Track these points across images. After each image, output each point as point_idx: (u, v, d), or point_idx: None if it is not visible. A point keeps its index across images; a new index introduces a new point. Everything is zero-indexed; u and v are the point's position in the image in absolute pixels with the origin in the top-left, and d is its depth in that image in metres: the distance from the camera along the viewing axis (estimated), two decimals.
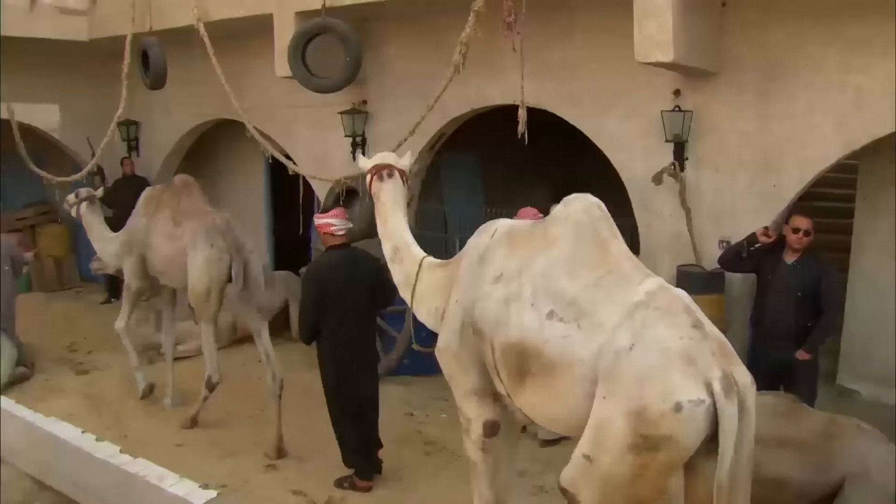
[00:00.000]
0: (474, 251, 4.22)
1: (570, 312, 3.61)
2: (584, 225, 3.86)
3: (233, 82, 9.40)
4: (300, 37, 7.50)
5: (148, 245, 7.23)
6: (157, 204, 7.32)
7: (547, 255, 3.84)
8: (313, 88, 7.67)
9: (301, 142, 9.66)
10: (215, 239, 6.74)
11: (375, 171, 5.00)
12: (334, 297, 5.67)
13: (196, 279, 6.77)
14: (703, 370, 3.27)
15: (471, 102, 7.99)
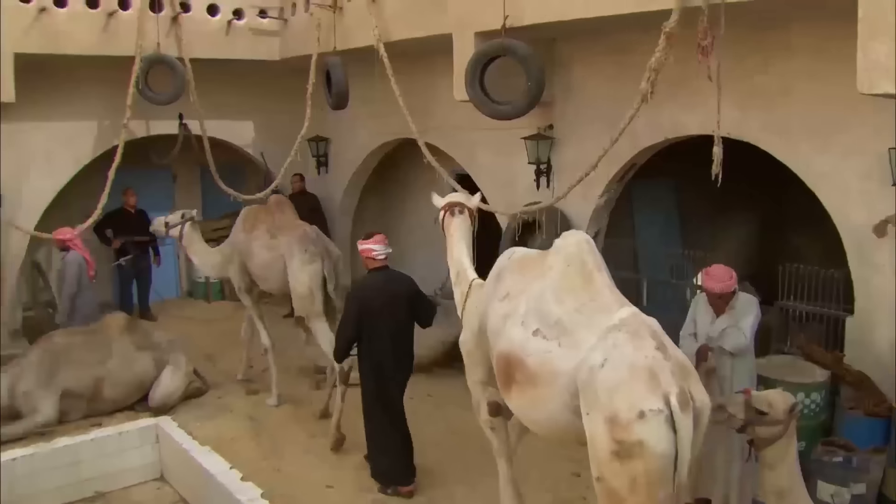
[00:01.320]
0: (495, 270, 5.02)
1: (553, 332, 4.21)
2: (573, 257, 4.43)
3: (417, 102, 9.24)
4: (478, 59, 7.02)
5: (248, 255, 8.16)
6: (254, 220, 8.29)
7: (542, 280, 4.46)
8: (491, 115, 7.16)
9: (484, 167, 9.20)
10: (308, 245, 7.73)
11: (448, 208, 5.84)
12: (373, 315, 6.13)
13: (297, 282, 7.65)
14: (664, 385, 3.76)
15: (664, 131, 7.17)
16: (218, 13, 10.35)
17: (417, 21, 8.15)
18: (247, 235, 8.23)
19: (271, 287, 8.13)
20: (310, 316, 7.68)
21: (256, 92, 11.58)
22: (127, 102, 9.60)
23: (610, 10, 6.20)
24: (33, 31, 9.19)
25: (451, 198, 5.93)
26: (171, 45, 9.99)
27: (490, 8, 7.08)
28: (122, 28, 9.64)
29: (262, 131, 11.94)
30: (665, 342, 4.00)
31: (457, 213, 5.79)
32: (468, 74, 7.06)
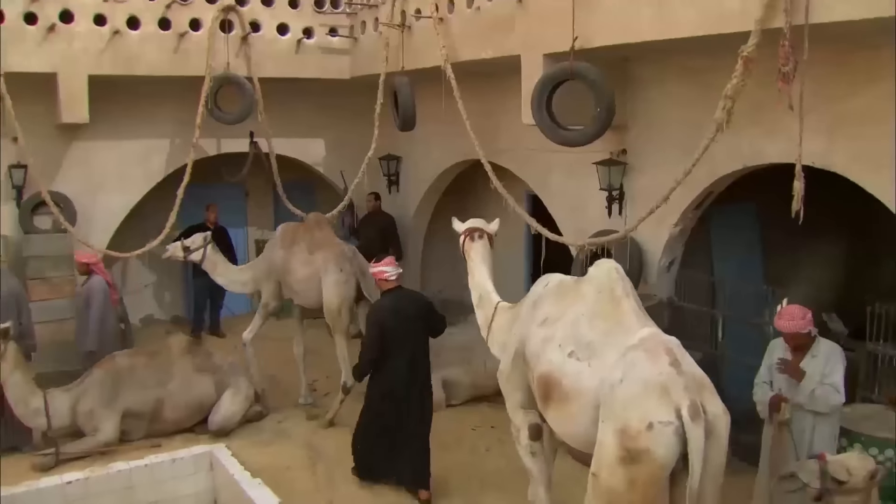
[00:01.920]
0: (531, 297, 5.36)
1: (585, 354, 4.61)
2: (604, 285, 4.82)
3: (487, 122, 9.05)
4: (545, 83, 6.70)
5: (286, 271, 8.57)
6: (293, 237, 8.70)
7: (576, 306, 4.87)
8: (559, 141, 6.84)
9: (556, 190, 8.87)
10: (343, 264, 8.28)
11: (468, 233, 6.21)
12: (392, 334, 6.48)
13: (329, 298, 8.21)
14: (675, 399, 4.07)
15: (743, 159, 6.72)
16: (288, 32, 10.30)
17: (485, 41, 7.89)
18: (286, 252, 8.63)
19: (308, 301, 8.59)
20: (335, 330, 8.32)
21: (328, 110, 11.53)
22: (196, 122, 9.65)
23: (682, 31, 5.81)
24: (107, 54, 9.33)
25: (471, 223, 6.30)
26: (240, 64, 9.99)
27: (558, 29, 6.77)
28: (192, 48, 9.69)
29: (334, 149, 11.86)
30: (680, 358, 4.32)
31: (476, 237, 6.18)
32: (534, 99, 6.76)
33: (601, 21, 6.46)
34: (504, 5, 7.51)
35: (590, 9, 6.51)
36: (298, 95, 11.09)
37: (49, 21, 9.04)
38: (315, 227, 8.79)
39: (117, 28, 9.32)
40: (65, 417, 7.70)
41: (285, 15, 10.24)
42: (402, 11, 9.04)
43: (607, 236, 6.74)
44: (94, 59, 9.27)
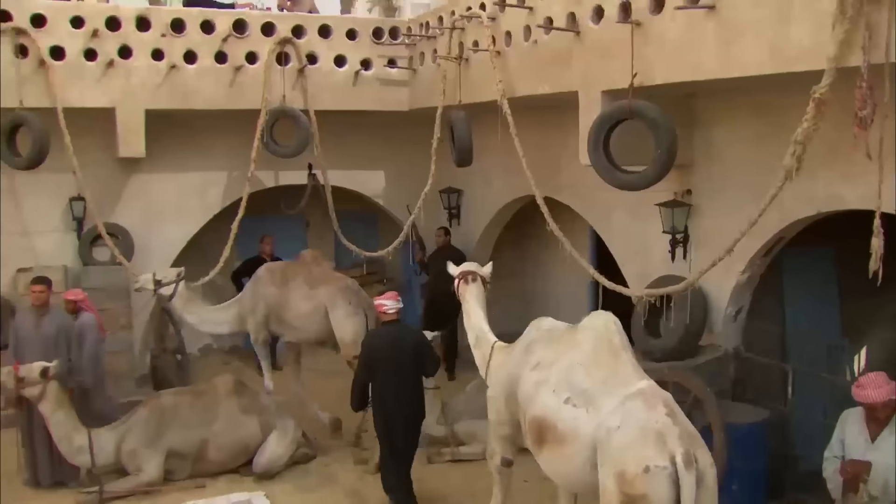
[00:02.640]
0: (525, 340, 5.68)
1: (581, 400, 4.82)
2: (602, 336, 5.05)
3: (547, 157, 8.78)
4: (602, 123, 6.30)
5: (283, 308, 8.71)
6: (284, 276, 8.81)
7: (571, 354, 5.09)
8: (616, 185, 6.43)
9: (617, 231, 8.44)
10: (351, 297, 8.59)
11: (462, 276, 6.63)
12: (383, 363, 6.65)
13: (343, 331, 8.48)
14: (671, 446, 4.26)
15: (817, 203, 6.21)
16: (345, 64, 10.15)
17: (542, 76, 7.55)
18: (279, 289, 8.76)
19: (307, 336, 8.92)
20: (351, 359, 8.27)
21: (388, 141, 11.34)
22: (251, 156, 9.57)
23: (749, 69, 5.37)
24: (163, 88, 9.34)
25: (465, 266, 6.77)
26: (297, 97, 9.89)
27: (618, 64, 6.40)
28: (248, 81, 9.63)
29: (395, 181, 11.64)
30: (675, 410, 4.58)
31: (470, 280, 6.61)
32: (591, 139, 6.38)
33: (662, 57, 6.06)
34: (562, 39, 7.16)
35: (650, 44, 6.13)
36: (357, 127, 10.93)
37: (108, 57, 9.08)
38: (312, 263, 9.01)
39: (174, 62, 9.31)
40: (109, 455, 7.63)
41: (343, 46, 10.10)
42: (460, 43, 8.79)
43: (665, 288, 6.30)
44: (151, 93, 9.29)
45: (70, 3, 9.18)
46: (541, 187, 9.04)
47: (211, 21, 9.49)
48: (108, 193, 10.11)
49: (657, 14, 6.07)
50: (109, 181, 10.09)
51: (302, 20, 9.95)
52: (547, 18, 7.32)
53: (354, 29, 10.14)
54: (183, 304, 8.92)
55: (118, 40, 9.12)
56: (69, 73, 8.99)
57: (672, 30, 5.94)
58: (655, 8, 6.11)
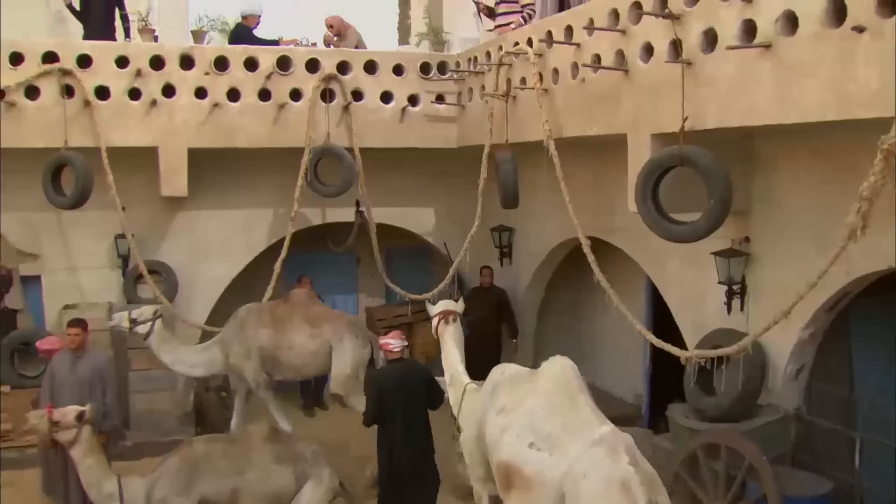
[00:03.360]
0: (489, 385, 5.83)
1: (545, 444, 5.02)
2: (560, 380, 5.31)
3: (599, 196, 8.47)
4: (650, 171, 5.87)
5: (281, 348, 8.64)
6: (274, 316, 8.72)
7: (533, 398, 5.28)
8: (664, 236, 5.98)
9: (671, 278, 7.97)
10: (357, 331, 8.79)
11: (442, 316, 6.87)
12: (390, 397, 6.75)
13: (345, 364, 8.55)
14: (634, 493, 4.60)
15: (888, 258, 5.66)
16: (392, 101, 9.92)
17: (590, 117, 7.17)
18: (275, 330, 8.66)
19: (306, 374, 9.09)
20: (349, 394, 8.58)
21: (437, 177, 11.06)
22: (294, 195, 9.40)
23: (809, 115, 4.90)
24: (206, 126, 9.25)
25: (444, 306, 6.94)
26: (341, 134, 9.69)
27: (668, 106, 6.00)
28: (292, 119, 9.49)
29: (444, 218, 11.34)
30: (637, 457, 4.79)
31: (450, 321, 6.85)
32: (639, 187, 5.95)
33: (715, 99, 5.62)
34: (610, 78, 6.78)
35: (702, 85, 5.70)
36: (406, 162, 10.67)
37: (151, 96, 9.03)
38: (309, 302, 8.97)
39: (217, 100, 9.22)
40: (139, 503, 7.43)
41: (389, 82, 9.88)
42: (507, 80, 8.47)
43: (717, 350, 5.82)
44: (194, 131, 9.21)
45: (116, 44, 9.22)
46: (592, 229, 8.75)
47: (254, 58, 9.37)
48: (153, 231, 10.09)
49: (709, 53, 5.65)
50: (154, 219, 10.05)
51: (347, 56, 9.77)
52: (594, 56, 6.96)
53: (401, 64, 9.92)
54: (159, 344, 8.66)
55: (162, 79, 9.08)
56: (113, 112, 8.98)
57: (725, 70, 5.51)
58: (707, 46, 5.69)
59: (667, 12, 5.94)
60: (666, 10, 5.97)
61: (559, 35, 7.52)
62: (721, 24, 5.53)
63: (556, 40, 7.45)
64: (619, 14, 6.66)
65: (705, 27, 5.67)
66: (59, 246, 9.97)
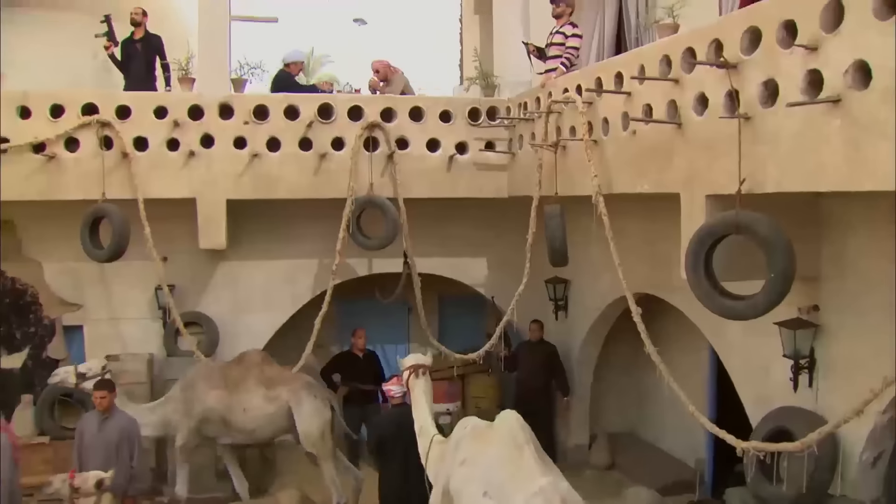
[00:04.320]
0: (455, 438, 6.07)
1: (497, 493, 5.36)
2: (507, 433, 5.64)
3: (657, 251, 7.91)
4: (702, 239, 5.25)
5: (234, 410, 8.38)
6: (227, 378, 8.45)
7: (487, 450, 5.67)
8: (718, 312, 5.34)
9: (733, 346, 7.28)
10: (315, 391, 8.54)
11: (413, 370, 6.84)
12: (390, 441, 7.10)
13: (310, 426, 8.32)
14: None
15: None
16: (439, 148, 9.48)
17: (641, 172, 6.59)
18: (227, 393, 8.39)
19: (260, 438, 8.69)
20: (321, 456, 8.37)
21: (489, 226, 10.54)
22: (336, 248, 9.03)
23: (883, 182, 4.22)
24: (245, 177, 8.99)
25: (414, 360, 7.03)
26: (386, 184, 9.29)
27: (724, 164, 5.40)
28: (334, 169, 9.15)
29: (497, 268, 10.80)
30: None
31: (420, 374, 6.87)
32: (690, 255, 5.34)
33: (776, 158, 4.99)
34: (662, 130, 6.19)
35: (761, 142, 5.08)
36: (455, 210, 10.20)
37: (189, 146, 8.82)
38: (263, 364, 8.67)
39: (257, 150, 8.95)
40: None
41: (436, 129, 9.45)
42: (557, 129, 7.95)
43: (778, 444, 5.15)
44: (233, 182, 8.97)
45: (154, 94, 9.09)
46: (649, 285, 8.13)
47: (295, 106, 9.08)
48: (195, 282, 9.88)
49: (769, 107, 5.04)
50: (196, 269, 9.84)
51: (391, 102, 9.39)
52: (646, 106, 6.40)
53: (449, 110, 9.48)
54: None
55: (200, 129, 8.88)
56: (151, 163, 8.82)
57: (787, 126, 4.88)
58: (767, 100, 5.08)
59: (721, 61, 5.36)
60: (721, 58, 5.39)
61: (609, 82, 6.99)
62: (783, 75, 4.93)
63: (605, 89, 6.91)
64: (671, 61, 6.10)
65: (765, 78, 5.07)
66: (101, 296, 9.83)
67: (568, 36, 8.67)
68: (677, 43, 6.08)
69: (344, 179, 9.03)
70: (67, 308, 9.88)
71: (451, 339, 12.45)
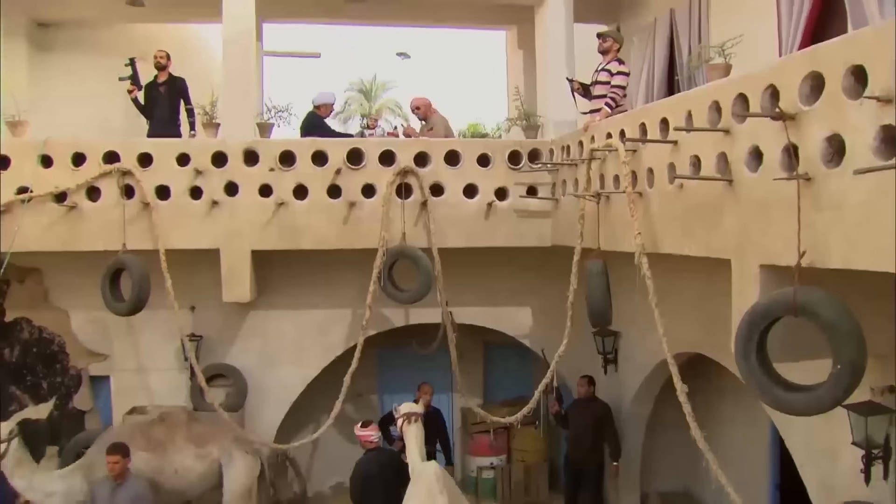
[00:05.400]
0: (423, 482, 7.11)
1: None
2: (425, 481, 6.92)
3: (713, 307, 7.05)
4: (755, 321, 4.52)
5: (159, 471, 8.04)
6: (150, 438, 8.16)
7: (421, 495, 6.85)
8: (774, 406, 4.59)
9: (796, 424, 6.44)
10: (246, 446, 8.42)
11: (406, 418, 7.64)
12: (372, 482, 7.58)
13: (237, 484, 8.19)
14: None
15: None
16: (476, 195, 8.89)
17: (689, 231, 5.88)
18: (153, 454, 8.09)
19: (191, 496, 8.41)
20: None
21: (534, 273, 9.92)
22: (367, 301, 8.51)
23: None
24: (271, 227, 8.55)
25: (408, 408, 7.67)
26: (419, 233, 8.71)
27: (781, 231, 4.67)
28: (364, 217, 8.63)
29: (542, 317, 10.15)
30: None
31: (412, 421, 7.54)
32: (741, 339, 4.61)
33: (841, 228, 4.25)
34: (712, 186, 5.48)
35: (824, 208, 4.34)
36: (497, 258, 9.58)
37: (213, 195, 8.43)
38: (190, 420, 8.47)
39: (282, 198, 8.49)
40: None
41: (474, 174, 8.86)
42: (601, 175, 7.30)
43: None
44: (258, 232, 8.53)
45: (176, 141, 8.76)
46: (703, 345, 7.46)
47: (323, 151, 8.61)
48: (222, 332, 9.52)
49: (834, 167, 4.30)
50: (224, 319, 9.46)
51: (426, 146, 8.83)
52: (693, 157, 5.71)
53: (487, 154, 8.88)
54: (13, 467, 7.83)
55: (224, 176, 8.48)
56: (173, 212, 8.45)
57: (856, 192, 4.13)
58: (832, 158, 4.34)
59: (778, 111, 4.64)
60: (777, 108, 4.68)
61: (653, 128, 6.32)
62: (850, 131, 4.18)
63: (649, 137, 6.24)
64: (720, 108, 5.41)
65: (828, 133, 4.33)
66: (128, 346, 9.53)
67: (614, 73, 8.04)
68: (728, 88, 5.38)
69: (375, 229, 8.50)
70: (94, 358, 9.59)
71: (497, 389, 11.94)
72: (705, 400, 9.44)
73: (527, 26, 10.57)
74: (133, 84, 9.39)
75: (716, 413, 9.45)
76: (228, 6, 8.73)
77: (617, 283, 7.27)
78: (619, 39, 8.34)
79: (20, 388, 9.56)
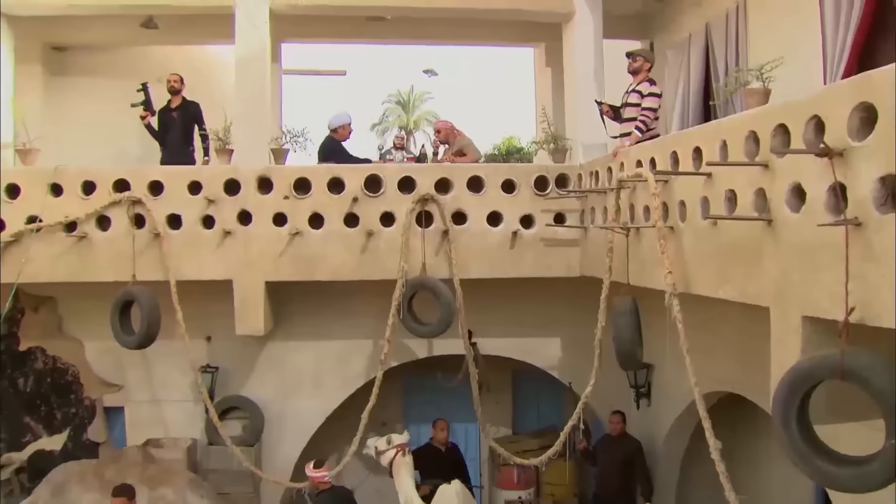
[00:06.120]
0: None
1: None
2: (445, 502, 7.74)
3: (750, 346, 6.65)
4: (796, 386, 4.03)
5: None
6: (100, 480, 7.96)
7: None
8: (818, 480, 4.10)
9: None
10: (201, 490, 8.22)
11: (399, 449, 7.96)
12: None
13: None
14: None
15: None
16: (501, 223, 8.46)
17: (723, 272, 5.41)
18: (104, 496, 7.61)
19: None
20: None
21: (564, 302, 9.44)
22: (385, 335, 8.13)
23: None
24: (285, 257, 8.21)
25: (399, 440, 8.00)
26: (440, 263, 8.31)
27: (826, 279, 4.19)
28: (383, 247, 8.25)
29: (572, 348, 9.68)
30: None
31: (406, 452, 7.94)
32: (780, 403, 4.13)
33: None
34: (750, 225, 5.01)
35: (877, 258, 3.85)
36: (523, 286, 9.12)
37: (225, 224, 8.13)
38: (145, 461, 8.40)
39: (297, 228, 8.15)
40: None
41: (498, 201, 8.44)
42: (630, 206, 6.84)
43: None
44: (272, 263, 8.20)
45: (187, 168, 8.47)
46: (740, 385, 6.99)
47: (340, 178, 8.26)
48: (238, 364, 9.23)
49: (889, 212, 3.81)
50: (239, 350, 9.16)
51: (447, 172, 8.44)
52: (729, 192, 5.24)
53: (512, 179, 8.46)
54: None
55: (237, 205, 8.17)
56: (185, 242, 8.17)
57: None
58: (886, 201, 3.85)
59: (823, 147, 4.16)
60: (822, 143, 4.19)
61: (686, 157, 5.86)
62: None
63: (681, 170, 5.78)
64: (758, 139, 4.93)
65: (882, 172, 3.84)
66: (143, 377, 9.27)
67: (644, 95, 7.59)
68: (766, 117, 4.90)
69: (394, 259, 8.12)
70: (108, 388, 9.35)
71: (526, 418, 11.49)
72: (744, 437, 8.91)
73: (555, 44, 10.15)
74: (146, 109, 9.14)
75: (754, 451, 8.92)
76: (241, 28, 8.46)
77: (649, 313, 6.83)
78: (649, 58, 7.89)
79: (34, 418, 9.35)
